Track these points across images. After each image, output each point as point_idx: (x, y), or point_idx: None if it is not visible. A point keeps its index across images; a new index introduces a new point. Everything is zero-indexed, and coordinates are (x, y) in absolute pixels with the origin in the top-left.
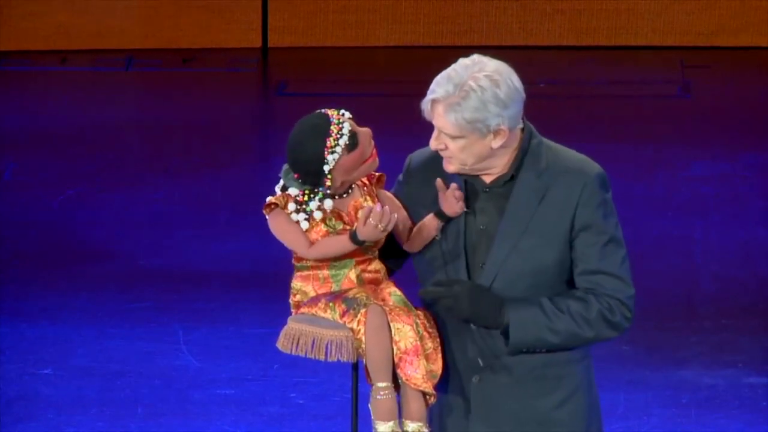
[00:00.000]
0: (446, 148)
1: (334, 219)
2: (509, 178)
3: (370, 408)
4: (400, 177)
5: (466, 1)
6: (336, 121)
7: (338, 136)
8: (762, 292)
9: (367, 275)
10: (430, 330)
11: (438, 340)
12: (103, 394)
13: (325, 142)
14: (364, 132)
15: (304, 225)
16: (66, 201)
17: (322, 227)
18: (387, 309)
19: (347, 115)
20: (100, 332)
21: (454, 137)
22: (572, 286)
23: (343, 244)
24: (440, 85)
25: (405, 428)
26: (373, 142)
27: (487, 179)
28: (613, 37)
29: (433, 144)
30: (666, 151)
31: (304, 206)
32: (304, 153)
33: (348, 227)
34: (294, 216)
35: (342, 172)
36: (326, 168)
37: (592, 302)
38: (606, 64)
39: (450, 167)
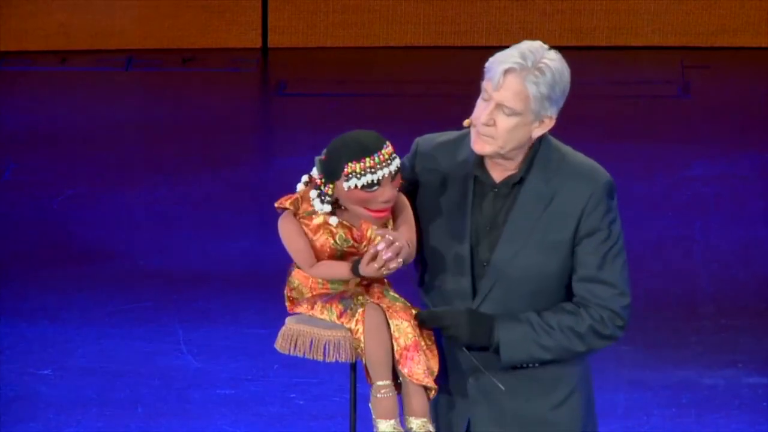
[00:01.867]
0: (494, 124)
1: (343, 234)
2: (518, 180)
3: (371, 407)
4: (406, 161)
5: (466, 1)
6: (377, 159)
7: (366, 169)
8: (762, 292)
9: (365, 284)
10: (425, 327)
11: (433, 337)
12: (103, 394)
13: (352, 162)
14: (388, 192)
15: (318, 219)
16: (66, 201)
17: (331, 243)
18: (384, 307)
19: (394, 165)
20: (100, 332)
21: (512, 113)
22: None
23: (343, 272)
24: (513, 57)
25: (409, 425)
26: (389, 205)
27: (497, 178)
28: (613, 37)
29: (485, 117)
30: (666, 151)
31: (321, 193)
32: (336, 152)
33: (356, 244)
34: (312, 197)
35: (343, 195)
36: (335, 180)
37: (583, 316)
38: (606, 64)
39: (486, 148)
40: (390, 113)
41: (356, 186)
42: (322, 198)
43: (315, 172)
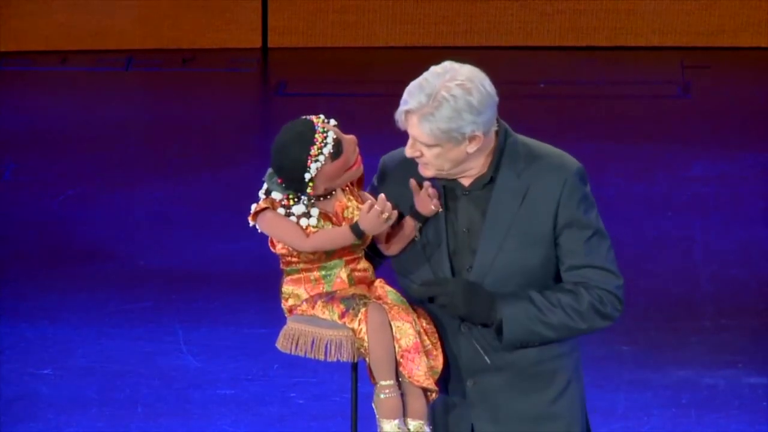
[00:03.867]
0: (422, 155)
1: (323, 221)
2: (488, 180)
3: (374, 407)
4: (374, 180)
5: (466, 1)
6: (321, 129)
7: (322, 144)
8: (762, 292)
9: (357, 274)
10: (428, 327)
11: (437, 336)
12: (103, 394)
13: (309, 150)
14: (349, 139)
15: (314, 212)
16: (66, 201)
17: (312, 227)
18: (386, 307)
19: (332, 122)
20: (100, 332)
21: (429, 146)
22: (560, 282)
23: (342, 235)
24: (413, 96)
25: (406, 426)
26: (357, 150)
27: (466, 182)
28: (613, 37)
29: (409, 152)
30: (666, 151)
31: (291, 210)
32: (288, 159)
33: (335, 225)
34: (297, 212)
35: (325, 179)
36: (308, 176)
37: (582, 294)
38: (606, 64)
39: (427, 173)
40: (390, 113)
41: (326, 160)
42: (306, 207)
43: (276, 195)
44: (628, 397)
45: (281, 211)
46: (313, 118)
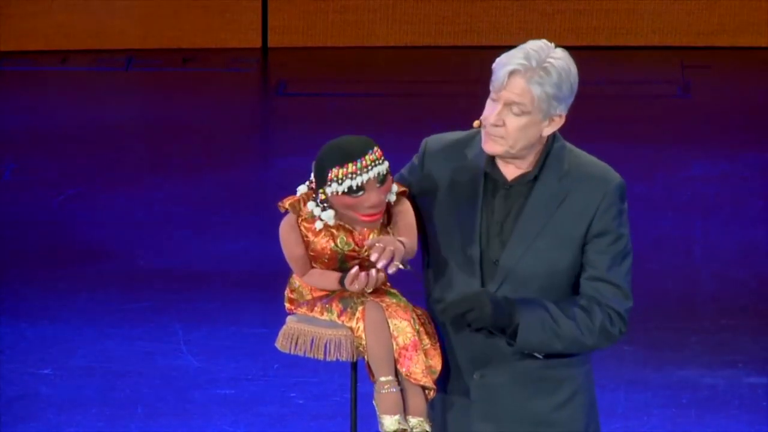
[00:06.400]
0: (503, 125)
1: (344, 237)
2: (532, 178)
3: (375, 404)
4: (415, 160)
5: (466, 1)
6: (359, 164)
7: (347, 175)
8: (762, 292)
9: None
10: (427, 326)
11: (436, 336)
12: (103, 394)
13: (335, 167)
14: (373, 197)
15: (319, 225)
16: (66, 201)
17: (331, 246)
18: (384, 305)
19: (376, 170)
20: (100, 332)
21: (521, 113)
22: (577, 290)
23: (332, 284)
24: (518, 59)
25: (407, 422)
26: (377, 210)
27: (510, 176)
28: (613, 37)
29: (494, 118)
30: (666, 151)
31: (316, 198)
32: (322, 159)
33: (357, 248)
34: (310, 205)
35: (332, 200)
36: (323, 185)
37: (596, 312)
38: (606, 64)
39: (496, 148)
40: (390, 113)
41: (339, 192)
42: (317, 202)
43: (312, 176)
44: (628, 397)
45: (311, 205)
46: (376, 151)
